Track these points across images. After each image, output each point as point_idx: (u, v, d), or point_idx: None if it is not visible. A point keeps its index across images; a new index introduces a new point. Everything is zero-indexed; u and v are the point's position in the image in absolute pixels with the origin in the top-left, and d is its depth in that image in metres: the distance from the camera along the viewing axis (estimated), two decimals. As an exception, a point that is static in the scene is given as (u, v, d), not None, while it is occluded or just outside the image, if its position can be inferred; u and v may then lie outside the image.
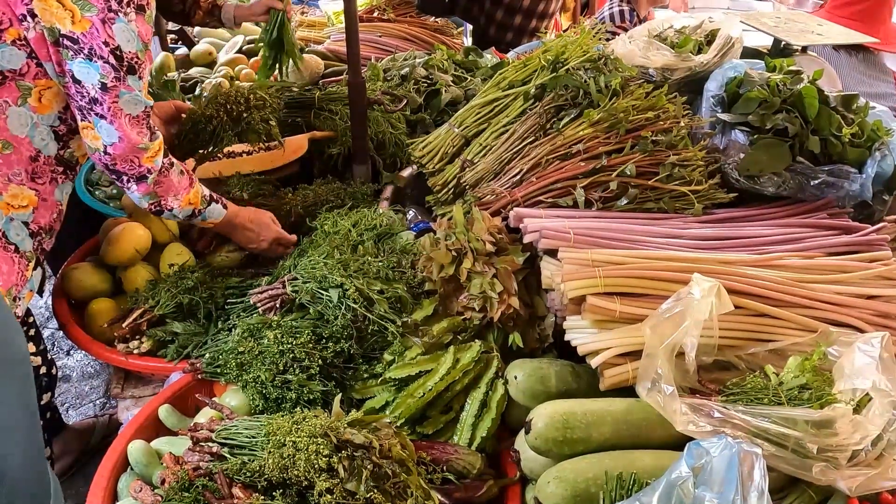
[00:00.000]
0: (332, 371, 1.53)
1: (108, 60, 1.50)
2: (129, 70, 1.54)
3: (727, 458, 0.98)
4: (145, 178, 1.65)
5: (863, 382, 1.23)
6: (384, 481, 1.13)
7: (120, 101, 1.55)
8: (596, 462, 1.24)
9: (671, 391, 1.25)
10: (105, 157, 1.61)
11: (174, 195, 1.72)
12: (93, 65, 1.49)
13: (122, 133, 1.58)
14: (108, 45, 1.49)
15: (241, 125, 2.17)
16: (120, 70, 1.52)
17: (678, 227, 1.73)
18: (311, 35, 3.75)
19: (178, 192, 1.73)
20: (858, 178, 1.77)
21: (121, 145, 1.59)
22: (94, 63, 1.49)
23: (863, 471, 1.18)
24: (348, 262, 1.68)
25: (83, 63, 1.49)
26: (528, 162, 1.87)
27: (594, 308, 1.45)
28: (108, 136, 1.58)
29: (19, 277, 1.64)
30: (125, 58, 1.52)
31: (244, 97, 2.14)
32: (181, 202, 1.74)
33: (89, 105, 1.55)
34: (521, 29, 3.85)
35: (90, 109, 1.55)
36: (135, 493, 1.31)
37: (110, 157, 1.61)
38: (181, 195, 1.74)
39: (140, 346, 1.76)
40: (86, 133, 1.60)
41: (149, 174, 1.65)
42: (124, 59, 1.52)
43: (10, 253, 1.62)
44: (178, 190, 1.73)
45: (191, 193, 1.76)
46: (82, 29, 1.46)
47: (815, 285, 1.55)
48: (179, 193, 1.73)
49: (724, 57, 2.04)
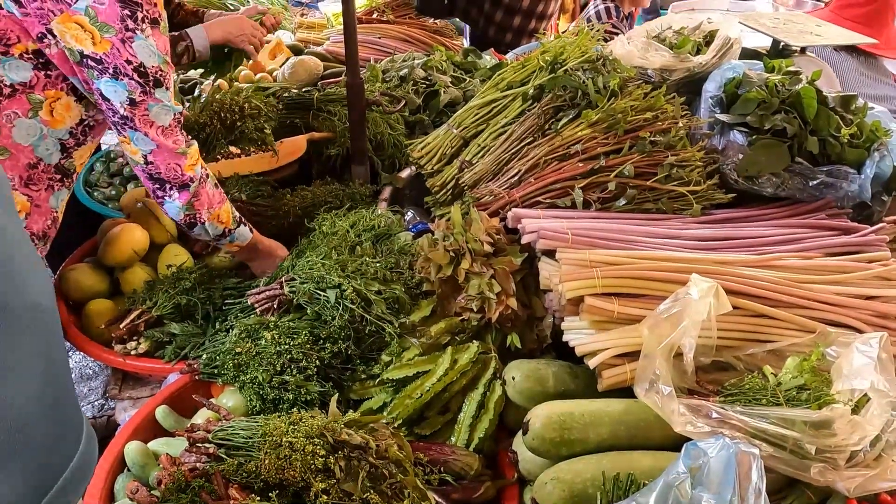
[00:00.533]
0: (330, 372, 1.53)
1: (132, 77, 1.52)
2: (156, 84, 1.55)
3: (724, 459, 0.98)
4: (188, 187, 1.66)
5: (861, 383, 1.23)
6: (381, 482, 1.13)
7: (150, 113, 1.57)
8: (594, 463, 1.24)
9: (669, 392, 1.24)
10: (148, 166, 1.62)
11: (208, 208, 1.72)
12: (119, 83, 1.51)
13: (157, 142, 1.59)
14: (131, 63, 1.51)
15: (234, 133, 2.17)
16: (146, 85, 1.54)
17: (676, 228, 1.73)
18: (311, 37, 3.75)
19: (211, 206, 1.72)
20: (857, 178, 1.77)
21: (160, 152, 1.60)
22: (121, 81, 1.51)
23: (861, 472, 1.18)
24: (346, 263, 1.68)
25: (110, 82, 1.51)
26: (527, 163, 1.87)
27: (592, 309, 1.44)
28: (144, 146, 1.60)
29: None
30: (149, 73, 1.53)
31: (239, 105, 2.14)
32: (212, 216, 1.73)
33: (122, 121, 1.57)
34: (521, 30, 3.86)
35: (123, 125, 1.57)
36: (131, 493, 1.30)
37: (153, 165, 1.62)
38: (214, 209, 1.73)
39: (138, 347, 1.76)
40: (125, 148, 1.63)
41: (191, 182, 1.66)
42: (149, 75, 1.53)
43: None
44: (213, 203, 1.73)
45: (222, 209, 1.75)
46: (103, 50, 1.48)
47: (814, 286, 1.54)
48: (213, 207, 1.73)
49: (723, 58, 2.04)
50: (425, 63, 2.85)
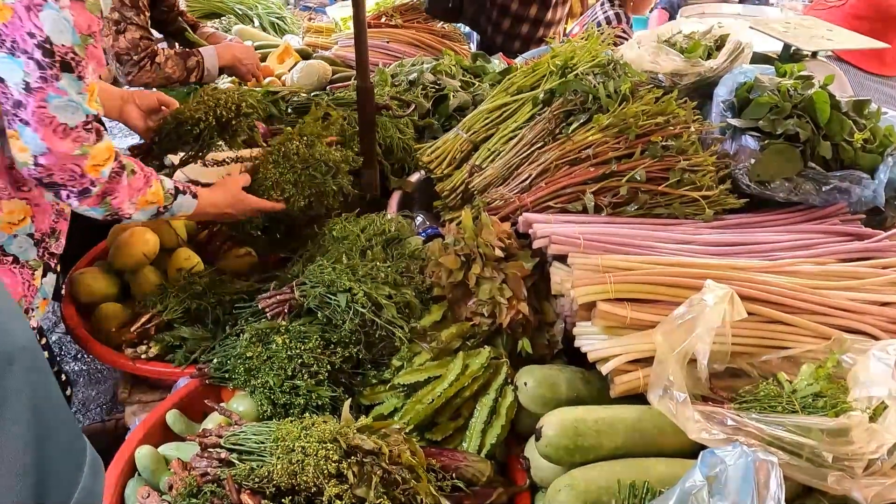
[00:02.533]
0: (341, 377, 1.52)
1: (32, 55, 1.27)
2: (64, 67, 1.31)
3: (742, 467, 0.97)
4: (88, 192, 1.43)
5: (878, 390, 1.22)
6: (394, 488, 1.12)
7: (49, 105, 1.32)
8: (607, 470, 1.23)
9: (684, 398, 1.23)
10: (35, 170, 1.37)
11: (129, 200, 1.52)
12: (16, 60, 1.28)
13: (49, 144, 1.34)
14: (35, 36, 1.27)
15: (228, 131, 2.14)
16: (49, 68, 1.29)
17: (689, 233, 1.72)
18: (319, 41, 3.75)
19: (132, 196, 1.53)
20: (871, 183, 1.76)
21: (51, 157, 1.36)
22: (18, 59, 1.28)
23: (879, 480, 1.16)
24: (357, 268, 1.67)
25: (5, 58, 1.28)
26: (537, 167, 1.87)
27: (604, 314, 1.44)
28: (34, 147, 1.34)
29: (26, 288, 1.59)
30: (56, 52, 1.29)
31: (235, 103, 2.12)
32: (138, 204, 1.54)
33: (14, 109, 1.32)
34: (528, 38, 3.86)
35: (14, 115, 1.33)
36: (142, 498, 1.30)
37: (43, 168, 1.37)
38: (136, 197, 1.54)
39: (148, 351, 1.75)
40: (13, 144, 1.37)
41: (93, 186, 1.43)
42: (55, 54, 1.29)
43: (8, 265, 1.55)
44: (133, 193, 1.53)
45: (149, 193, 1.56)
46: (3, 19, 1.26)
47: (828, 292, 1.53)
48: (135, 196, 1.53)
49: (734, 62, 2.03)
50: (434, 67, 2.85)
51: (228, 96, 2.09)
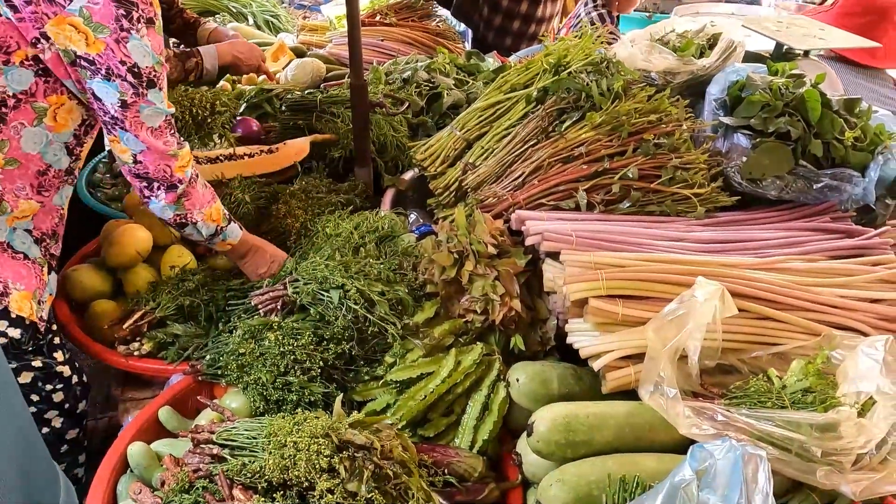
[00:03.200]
0: (333, 373, 1.53)
1: (125, 79, 1.49)
2: (149, 84, 1.53)
3: (731, 461, 0.98)
4: (175, 188, 1.63)
5: (867, 386, 1.23)
6: (385, 482, 1.12)
7: (141, 115, 1.55)
8: (599, 465, 1.24)
9: (674, 394, 1.24)
10: (136, 166, 1.60)
11: (199, 208, 1.70)
12: (111, 84, 1.49)
13: (147, 143, 1.57)
14: (125, 63, 1.48)
15: (203, 129, 2.19)
16: (139, 87, 1.52)
17: (681, 231, 1.72)
18: (313, 39, 3.75)
19: (202, 206, 1.70)
20: (861, 181, 1.77)
21: (149, 153, 1.58)
22: (113, 82, 1.49)
23: (867, 475, 1.17)
24: (349, 264, 1.68)
25: (101, 83, 1.49)
26: (530, 165, 1.87)
27: (596, 311, 1.44)
28: (135, 146, 1.57)
29: (38, 281, 1.66)
30: (143, 73, 1.51)
31: (210, 102, 2.16)
32: (205, 216, 1.71)
33: (112, 121, 1.55)
34: (520, 34, 3.87)
35: (113, 125, 1.55)
36: (134, 494, 1.30)
37: (142, 164, 1.60)
38: (205, 209, 1.71)
39: (141, 348, 1.75)
40: (114, 146, 1.60)
41: (179, 184, 1.63)
42: (142, 75, 1.51)
43: (21, 261, 1.63)
44: (203, 203, 1.70)
45: (213, 208, 1.73)
46: (97, 51, 1.46)
47: (819, 289, 1.54)
48: (203, 207, 1.70)
49: (727, 61, 2.04)
50: (428, 65, 2.85)
51: (202, 96, 2.14)
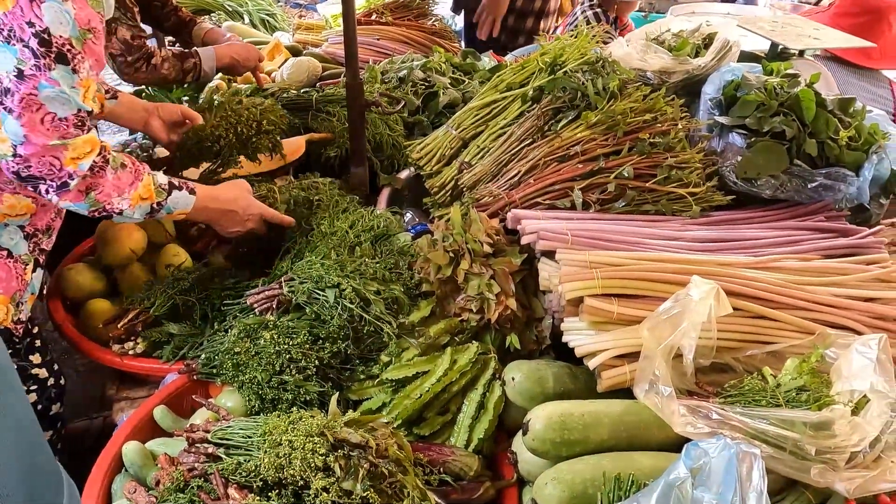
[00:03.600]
0: (329, 372, 1.52)
1: (28, 44, 1.29)
2: (59, 58, 1.31)
3: (726, 459, 0.98)
4: (67, 186, 1.41)
5: (861, 384, 1.23)
6: (381, 481, 1.12)
7: (40, 94, 1.32)
8: (594, 463, 1.24)
9: (669, 392, 1.24)
10: (14, 161, 1.36)
11: (119, 195, 1.49)
12: (10, 48, 1.29)
13: (28, 131, 1.33)
14: (34, 25, 1.28)
15: (248, 148, 2.13)
16: (44, 57, 1.30)
17: (676, 229, 1.73)
18: (309, 38, 3.75)
19: (121, 192, 1.49)
20: (855, 181, 1.77)
21: (30, 145, 1.35)
22: (13, 46, 1.29)
23: (861, 473, 1.18)
24: (345, 263, 1.67)
25: (1, 46, 1.29)
26: (526, 164, 1.87)
27: (592, 309, 1.44)
28: (13, 135, 1.34)
29: (19, 282, 1.60)
30: (53, 42, 1.30)
31: (256, 121, 2.09)
32: (131, 201, 1.50)
33: (1, 97, 1.32)
34: (515, 29, 3.85)
35: (0, 103, 1.33)
36: (129, 494, 1.30)
37: (22, 159, 1.36)
38: (126, 194, 1.50)
39: (135, 347, 1.75)
40: None
41: (70, 179, 1.40)
42: (52, 45, 1.30)
43: (3, 259, 1.57)
44: (122, 189, 1.49)
45: (140, 188, 1.52)
46: (4, 8, 1.28)
47: (813, 287, 1.55)
48: (124, 192, 1.50)
49: (722, 60, 2.05)
50: (424, 64, 2.85)
51: (250, 113, 2.08)
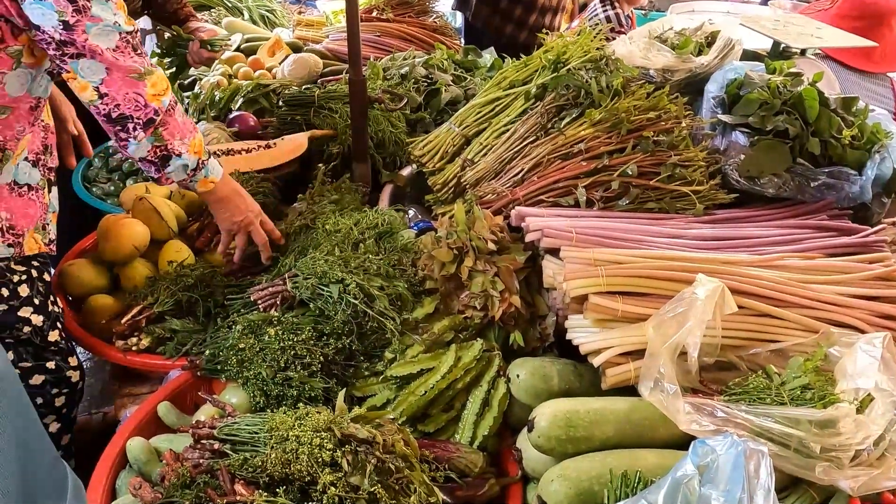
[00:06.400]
0: (333, 368, 1.52)
1: None
2: None
3: (733, 457, 0.98)
4: (153, 123, 1.43)
5: (865, 382, 1.24)
6: (388, 477, 1.12)
7: (90, 35, 1.32)
8: (599, 461, 1.24)
9: (674, 390, 1.25)
10: (103, 101, 1.38)
11: (181, 138, 1.49)
12: (45, 4, 1.29)
13: (107, 64, 1.35)
14: None
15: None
16: (77, 1, 1.30)
17: (679, 228, 1.73)
18: (310, 34, 3.74)
19: (184, 135, 1.50)
20: (858, 180, 1.78)
21: (112, 79, 1.36)
22: (46, 2, 1.28)
23: (865, 470, 1.18)
24: (349, 260, 1.67)
25: (35, 5, 1.29)
26: (530, 161, 1.87)
27: (596, 307, 1.45)
28: (93, 75, 1.36)
29: (41, 208, 1.64)
30: None
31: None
32: (188, 147, 1.50)
33: (60, 51, 1.34)
34: (522, 22, 3.83)
35: (62, 56, 1.34)
36: (134, 489, 1.29)
37: (109, 98, 1.38)
38: (187, 139, 1.50)
39: (139, 343, 1.74)
40: (74, 87, 1.41)
41: (156, 116, 1.43)
42: None
43: (26, 196, 1.60)
44: (185, 132, 1.51)
45: (196, 137, 1.55)
46: None
47: (816, 286, 1.55)
48: (186, 136, 1.51)
49: (725, 59, 2.05)
50: (426, 61, 2.85)
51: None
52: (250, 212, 1.80)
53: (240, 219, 1.78)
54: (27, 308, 1.64)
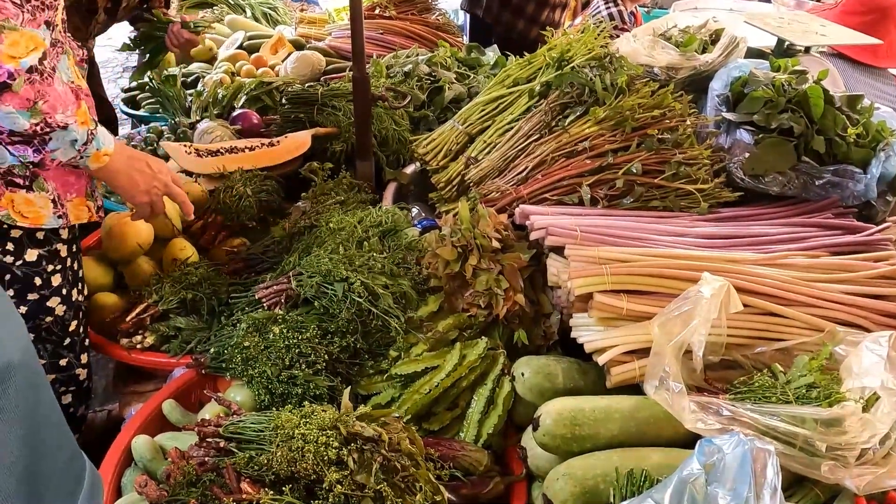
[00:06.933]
0: (338, 367, 1.53)
1: None
2: None
3: (740, 455, 0.98)
4: (8, 87, 1.23)
5: (871, 381, 1.23)
6: (394, 475, 1.12)
7: None
8: (605, 459, 1.24)
9: (680, 389, 1.25)
10: None
11: (63, 111, 1.32)
12: None
13: None
14: None
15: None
16: None
17: (684, 226, 1.73)
18: (312, 32, 3.74)
19: (66, 106, 1.33)
20: (863, 178, 1.77)
21: None
22: None
23: (871, 469, 1.18)
24: (353, 258, 1.67)
25: None
26: (534, 159, 1.87)
27: (601, 305, 1.45)
28: None
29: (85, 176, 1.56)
30: None
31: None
32: (76, 118, 1.34)
33: None
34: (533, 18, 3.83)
35: None
36: (140, 487, 1.29)
37: None
38: (71, 108, 1.34)
39: (143, 341, 1.75)
40: None
41: (11, 80, 1.22)
42: None
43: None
44: (67, 102, 1.34)
45: (82, 107, 1.38)
46: None
47: (821, 284, 1.55)
48: (69, 107, 1.34)
49: (729, 56, 2.04)
50: (429, 59, 2.84)
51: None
52: (160, 172, 1.62)
53: (150, 185, 1.60)
54: (56, 298, 1.65)
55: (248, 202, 2.10)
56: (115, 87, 5.01)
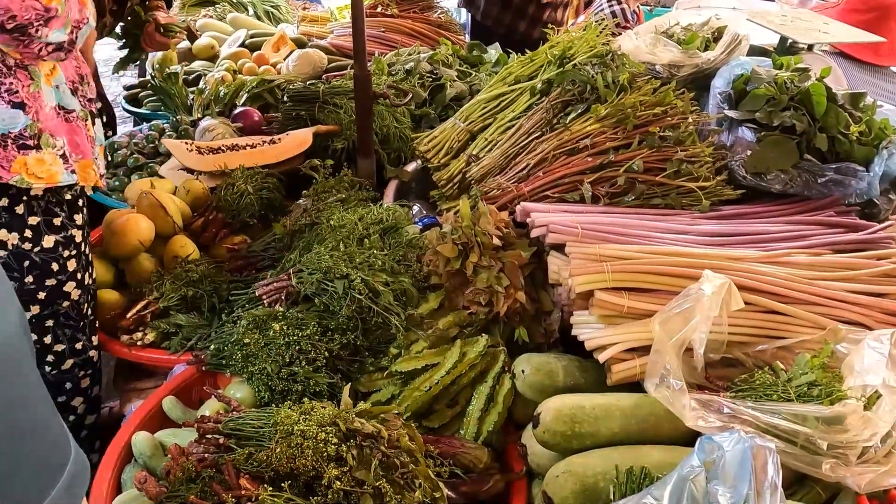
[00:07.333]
0: (338, 364, 1.52)
1: None
2: None
3: (740, 453, 0.97)
4: (56, 17, 1.38)
5: (873, 379, 1.23)
6: (393, 471, 1.12)
7: None
8: (605, 456, 1.24)
9: (680, 387, 1.24)
10: None
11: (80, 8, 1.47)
12: None
13: None
14: None
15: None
16: None
17: (686, 223, 1.72)
18: (314, 30, 3.73)
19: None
20: (866, 176, 1.76)
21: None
22: None
23: (872, 468, 1.18)
24: (354, 255, 1.67)
25: None
26: (535, 157, 1.87)
27: (602, 303, 1.44)
28: None
29: (89, 140, 1.65)
30: None
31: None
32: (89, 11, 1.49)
33: None
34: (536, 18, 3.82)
35: None
36: (139, 483, 1.29)
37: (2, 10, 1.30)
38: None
39: (144, 338, 1.75)
40: None
41: (56, 12, 1.37)
42: None
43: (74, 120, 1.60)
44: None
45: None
46: None
47: (823, 282, 1.54)
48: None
49: (731, 54, 2.04)
50: (431, 57, 2.84)
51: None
52: None
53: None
54: (71, 283, 1.70)
55: (249, 200, 2.10)
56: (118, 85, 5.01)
